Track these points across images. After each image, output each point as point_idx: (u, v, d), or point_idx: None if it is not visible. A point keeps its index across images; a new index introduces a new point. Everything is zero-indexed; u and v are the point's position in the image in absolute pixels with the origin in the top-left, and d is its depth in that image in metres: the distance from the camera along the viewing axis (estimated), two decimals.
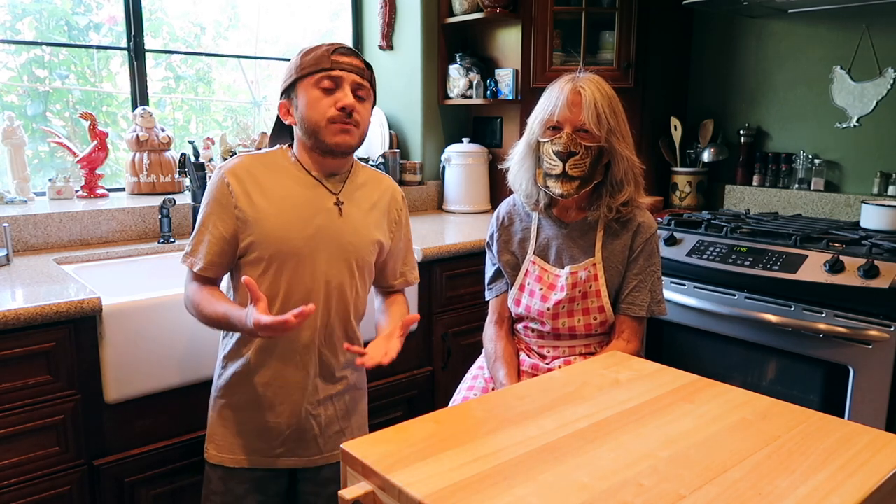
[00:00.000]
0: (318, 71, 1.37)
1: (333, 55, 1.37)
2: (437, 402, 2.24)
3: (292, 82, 1.40)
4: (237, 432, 1.46)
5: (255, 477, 1.48)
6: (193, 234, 1.41)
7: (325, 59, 1.37)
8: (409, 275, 1.62)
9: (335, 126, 1.37)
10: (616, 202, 1.56)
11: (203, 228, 1.40)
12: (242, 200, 1.38)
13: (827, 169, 2.61)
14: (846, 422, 1.00)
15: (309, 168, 1.44)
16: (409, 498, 0.79)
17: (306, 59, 1.38)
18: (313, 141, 1.39)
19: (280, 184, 1.41)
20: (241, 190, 1.39)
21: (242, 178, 1.40)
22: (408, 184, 2.95)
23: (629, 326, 1.59)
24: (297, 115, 1.40)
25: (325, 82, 1.36)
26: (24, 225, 2.01)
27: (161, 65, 2.69)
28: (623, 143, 1.53)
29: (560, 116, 1.51)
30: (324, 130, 1.37)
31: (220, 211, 1.39)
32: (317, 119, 1.37)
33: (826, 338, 1.90)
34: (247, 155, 1.45)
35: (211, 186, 1.41)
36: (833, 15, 2.53)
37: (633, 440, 0.93)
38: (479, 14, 2.73)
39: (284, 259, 1.39)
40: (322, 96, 1.37)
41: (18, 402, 1.48)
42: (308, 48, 1.41)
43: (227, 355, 1.47)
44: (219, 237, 1.39)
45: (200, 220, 1.41)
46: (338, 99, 1.37)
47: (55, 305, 1.48)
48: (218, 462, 1.47)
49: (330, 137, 1.38)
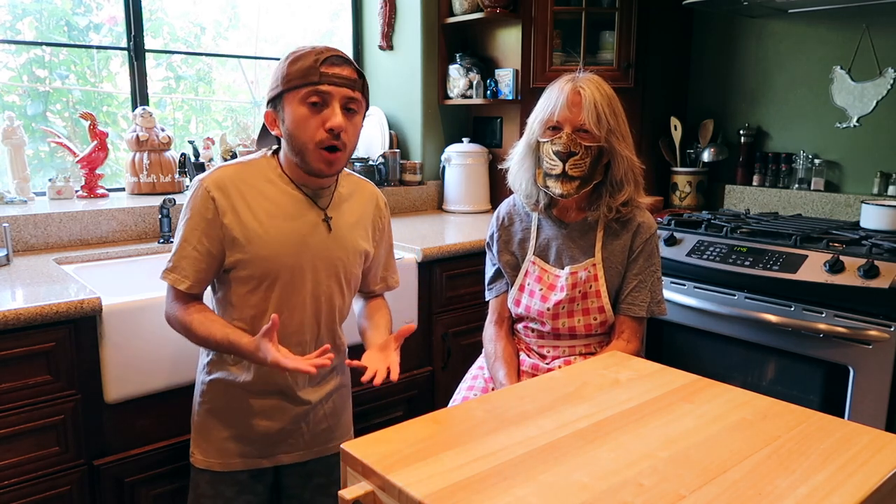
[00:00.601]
0: (305, 85, 1.26)
1: (322, 66, 1.26)
2: (437, 402, 2.24)
3: (278, 94, 1.30)
4: (225, 437, 1.45)
5: (243, 478, 1.47)
6: (175, 249, 1.34)
7: (313, 72, 1.26)
8: (390, 279, 1.60)
9: (322, 153, 1.29)
10: (616, 202, 1.56)
11: (185, 244, 1.33)
12: (229, 217, 1.32)
13: (827, 169, 2.61)
14: (846, 422, 1.00)
15: (296, 182, 1.38)
16: (409, 498, 0.79)
17: (293, 70, 1.27)
18: (299, 160, 1.33)
19: (267, 199, 1.35)
20: (228, 205, 1.32)
21: (228, 192, 1.32)
22: (408, 184, 2.95)
23: (629, 326, 1.59)
24: (283, 130, 1.33)
25: (313, 97, 1.27)
26: (24, 225, 2.01)
27: (161, 65, 2.69)
28: (623, 143, 1.53)
29: (560, 116, 1.51)
30: (310, 154, 1.30)
31: (205, 226, 1.32)
32: (304, 140, 1.29)
33: (826, 338, 1.90)
34: (228, 165, 1.37)
35: (193, 199, 1.33)
36: (833, 15, 2.53)
37: (633, 440, 0.93)
38: (479, 14, 2.73)
39: (276, 277, 1.35)
40: (309, 115, 1.28)
41: (18, 402, 1.48)
42: (295, 54, 1.29)
43: (211, 361, 1.45)
44: (205, 253, 1.33)
45: (182, 234, 1.33)
46: (326, 118, 1.28)
47: (55, 305, 1.48)
48: (205, 466, 1.45)
49: (315, 163, 1.31)
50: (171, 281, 1.35)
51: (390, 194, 2.87)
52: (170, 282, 1.35)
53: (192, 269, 1.33)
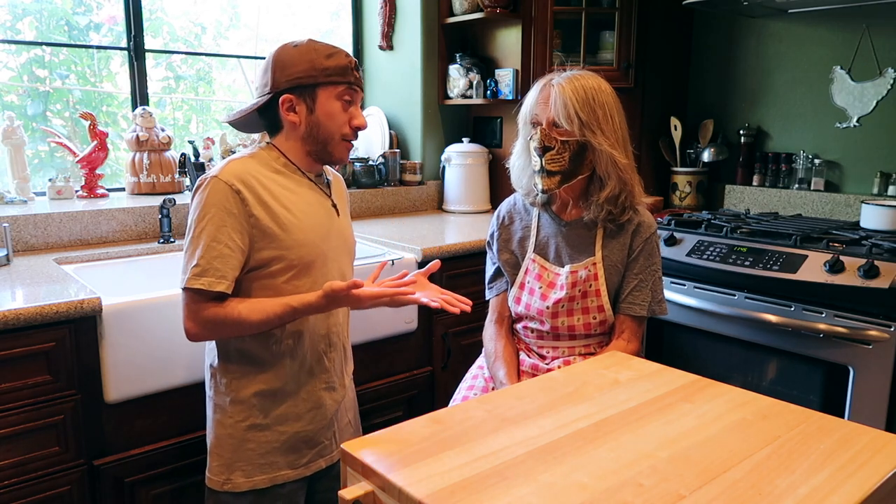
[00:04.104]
0: (343, 83, 1.36)
1: (356, 71, 1.38)
2: (437, 402, 2.24)
3: (312, 84, 1.33)
4: (266, 451, 1.41)
5: (286, 491, 1.45)
6: (200, 252, 1.26)
7: (349, 72, 1.36)
8: None
9: (345, 144, 1.40)
10: (601, 198, 1.54)
11: (214, 243, 1.26)
12: (258, 209, 1.30)
13: (827, 169, 2.61)
14: (846, 422, 1.00)
15: (304, 169, 1.42)
16: (409, 498, 0.79)
17: (330, 65, 1.34)
18: (318, 148, 1.38)
19: (285, 188, 1.37)
20: (254, 197, 1.30)
21: (251, 185, 1.31)
22: (408, 184, 2.95)
23: (629, 326, 1.59)
24: (309, 120, 1.35)
25: (348, 95, 1.37)
26: (24, 225, 2.01)
27: (161, 65, 2.69)
28: (601, 138, 1.50)
29: (535, 113, 1.54)
30: (335, 145, 1.39)
31: (233, 222, 1.28)
32: (332, 132, 1.37)
33: (826, 338, 1.90)
34: (236, 160, 1.35)
35: (211, 197, 1.28)
36: (833, 15, 2.53)
37: (633, 440, 0.93)
38: (479, 14, 2.73)
39: (309, 264, 1.37)
40: (341, 110, 1.37)
41: (18, 402, 1.48)
42: (325, 49, 1.34)
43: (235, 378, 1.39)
44: (236, 249, 1.28)
45: (208, 234, 1.27)
46: (353, 116, 1.39)
47: (55, 305, 1.48)
48: (250, 487, 1.40)
49: (338, 153, 1.40)
50: (205, 285, 1.26)
51: (390, 194, 2.87)
52: (204, 286, 1.26)
53: (229, 267, 1.27)
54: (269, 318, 1.29)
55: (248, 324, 1.29)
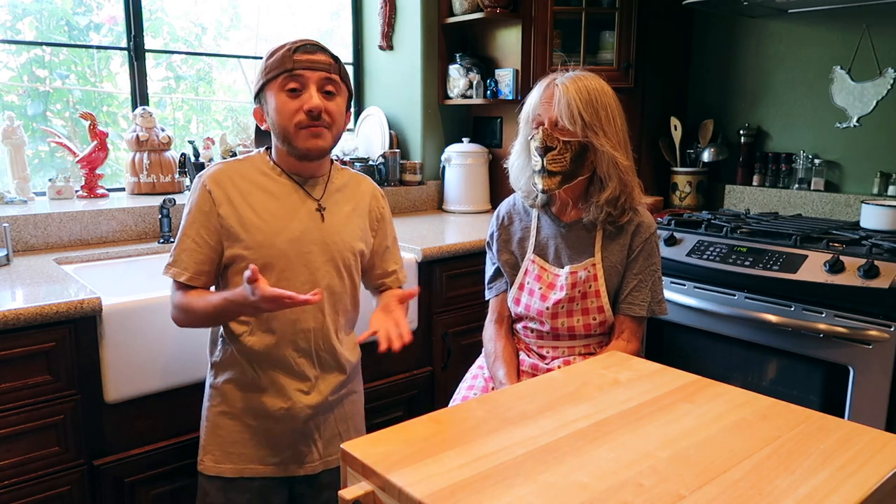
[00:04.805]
0: (281, 73, 1.32)
1: (295, 54, 1.32)
2: (437, 402, 2.24)
3: (260, 87, 1.37)
4: (235, 441, 1.44)
5: (256, 486, 1.46)
6: (175, 245, 1.39)
7: (287, 60, 1.32)
8: (400, 273, 1.60)
9: (305, 131, 1.34)
10: (601, 199, 1.55)
11: (185, 238, 1.37)
12: (225, 207, 1.37)
13: (827, 169, 2.61)
14: (846, 422, 1.00)
15: (288, 172, 1.42)
16: (409, 498, 0.79)
17: (270, 62, 1.34)
18: (287, 146, 1.38)
19: (261, 189, 1.40)
20: (223, 196, 1.37)
21: (223, 184, 1.38)
22: (408, 184, 2.95)
23: (629, 326, 1.59)
24: (269, 121, 1.38)
25: (290, 83, 1.32)
26: (24, 225, 2.01)
27: (161, 65, 2.69)
28: (604, 139, 1.50)
29: (538, 112, 1.53)
30: (294, 136, 1.35)
31: (202, 218, 1.37)
32: (285, 125, 1.34)
33: (826, 338, 1.90)
34: (225, 162, 1.44)
35: (192, 195, 1.40)
36: (833, 15, 2.53)
37: (633, 440, 0.93)
38: (479, 14, 2.73)
39: (272, 265, 1.37)
40: (288, 100, 1.33)
41: (18, 402, 1.48)
42: (273, 49, 1.36)
43: (218, 363, 1.46)
44: (202, 244, 1.37)
45: (182, 230, 1.39)
46: (304, 101, 1.33)
47: (55, 305, 1.48)
48: (216, 473, 1.45)
49: (301, 143, 1.35)
50: (171, 274, 1.38)
51: (390, 194, 2.87)
52: (171, 275, 1.38)
53: (191, 260, 1.37)
54: (208, 308, 1.34)
55: (196, 311, 1.35)
